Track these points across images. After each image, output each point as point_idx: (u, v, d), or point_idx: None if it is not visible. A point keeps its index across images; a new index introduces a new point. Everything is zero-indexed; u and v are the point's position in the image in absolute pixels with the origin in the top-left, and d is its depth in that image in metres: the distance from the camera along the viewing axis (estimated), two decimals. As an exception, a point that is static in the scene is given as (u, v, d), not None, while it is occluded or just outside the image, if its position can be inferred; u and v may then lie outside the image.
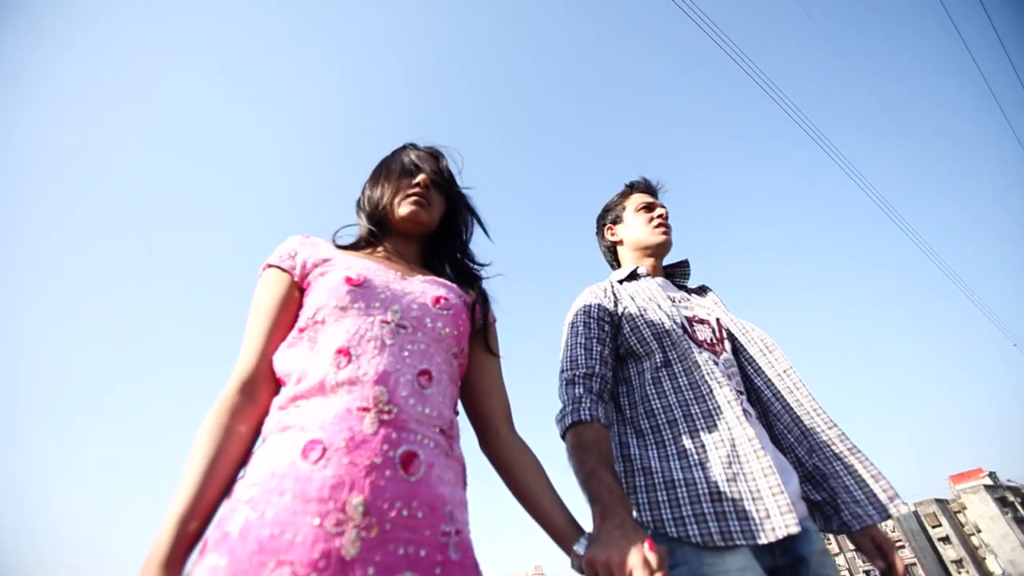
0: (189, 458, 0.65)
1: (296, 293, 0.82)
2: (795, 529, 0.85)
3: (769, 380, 1.13)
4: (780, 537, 0.84)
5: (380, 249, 0.97)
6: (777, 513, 0.86)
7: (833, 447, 1.03)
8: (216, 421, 0.68)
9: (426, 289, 0.85)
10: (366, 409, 0.66)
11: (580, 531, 0.79)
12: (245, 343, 0.77)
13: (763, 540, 0.84)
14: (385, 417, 0.66)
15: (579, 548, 0.76)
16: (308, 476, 0.60)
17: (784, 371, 1.13)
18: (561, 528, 0.79)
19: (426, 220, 0.97)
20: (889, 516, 0.95)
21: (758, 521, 0.86)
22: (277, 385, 0.76)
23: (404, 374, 0.72)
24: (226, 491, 0.65)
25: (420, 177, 0.98)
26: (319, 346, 0.73)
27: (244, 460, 0.69)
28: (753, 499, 0.88)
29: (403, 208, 0.95)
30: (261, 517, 0.57)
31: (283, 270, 0.83)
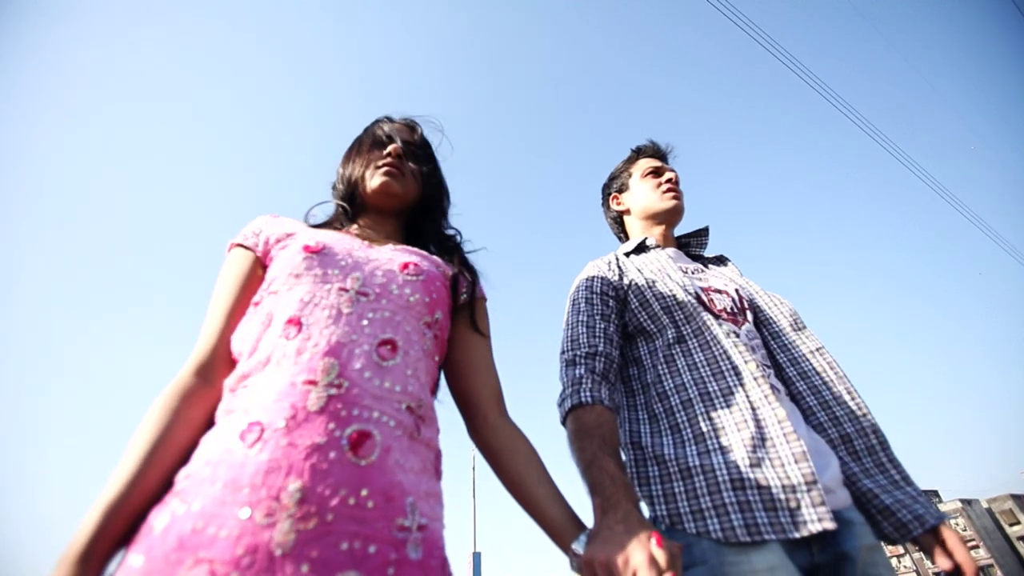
0: (129, 444, 0.59)
1: (259, 271, 0.77)
2: (830, 525, 0.72)
3: (796, 357, 1.00)
4: (813, 532, 0.72)
5: (354, 227, 0.91)
6: (809, 504, 0.73)
7: (866, 439, 0.91)
8: (164, 404, 0.62)
9: (394, 256, 0.78)
10: (312, 383, 0.58)
11: (580, 527, 0.69)
12: (204, 324, 0.72)
13: (795, 534, 0.71)
14: (333, 392, 0.58)
15: (578, 546, 0.66)
16: (242, 462, 0.53)
17: (816, 349, 1.01)
18: (558, 523, 0.69)
19: (400, 191, 0.90)
20: (931, 525, 0.83)
21: (788, 512, 0.73)
22: (234, 365, 0.70)
23: (360, 344, 0.64)
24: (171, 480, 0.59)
25: (391, 147, 0.91)
26: (268, 317, 0.67)
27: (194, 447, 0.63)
28: (782, 487, 0.75)
29: (374, 180, 0.89)
30: (187, 510, 0.51)
31: (247, 248, 0.78)
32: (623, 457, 0.91)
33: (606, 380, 0.93)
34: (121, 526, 0.53)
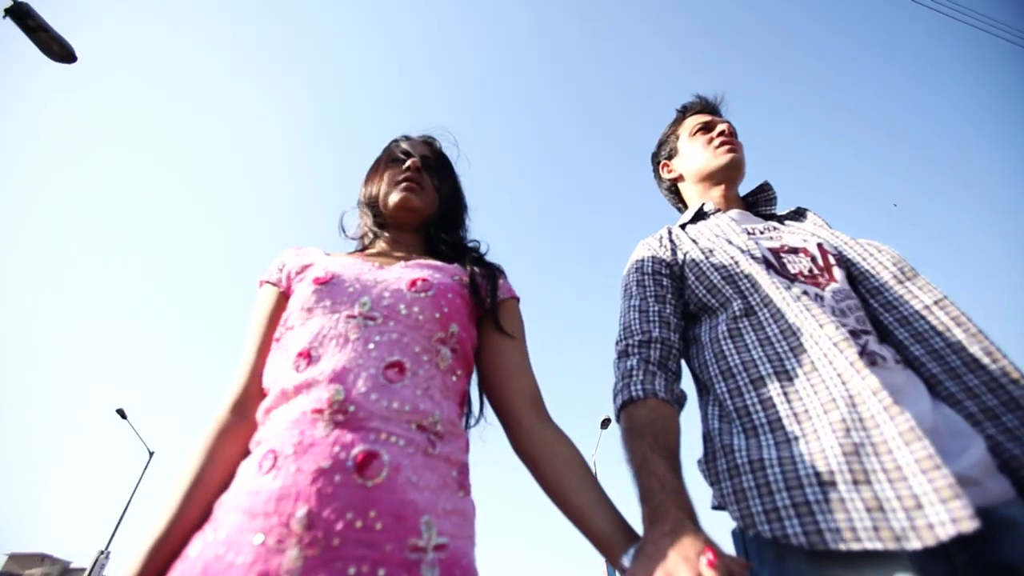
0: (170, 484, 0.63)
1: (285, 304, 0.80)
2: (968, 525, 0.52)
3: (907, 316, 0.78)
4: (942, 539, 0.53)
5: (377, 244, 0.93)
6: (935, 500, 0.55)
7: (1020, 412, 0.66)
8: (201, 444, 0.66)
9: (403, 274, 0.77)
10: (320, 411, 0.59)
11: (631, 539, 0.61)
12: (239, 362, 0.77)
13: (914, 544, 0.54)
14: (340, 418, 0.58)
15: (627, 561, 0.58)
16: (258, 489, 0.55)
17: (935, 303, 0.78)
18: (604, 535, 0.62)
19: (420, 205, 0.91)
20: None
21: (904, 514, 0.55)
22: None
23: (367, 368, 0.63)
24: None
25: (410, 161, 0.93)
26: (287, 352, 0.70)
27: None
28: (890, 481, 0.58)
29: (394, 195, 0.91)
30: (215, 537, 0.54)
31: (272, 284, 0.83)
32: (702, 450, 0.79)
33: (663, 369, 0.83)
34: (162, 562, 0.57)
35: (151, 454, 11.51)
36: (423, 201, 0.91)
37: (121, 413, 11.24)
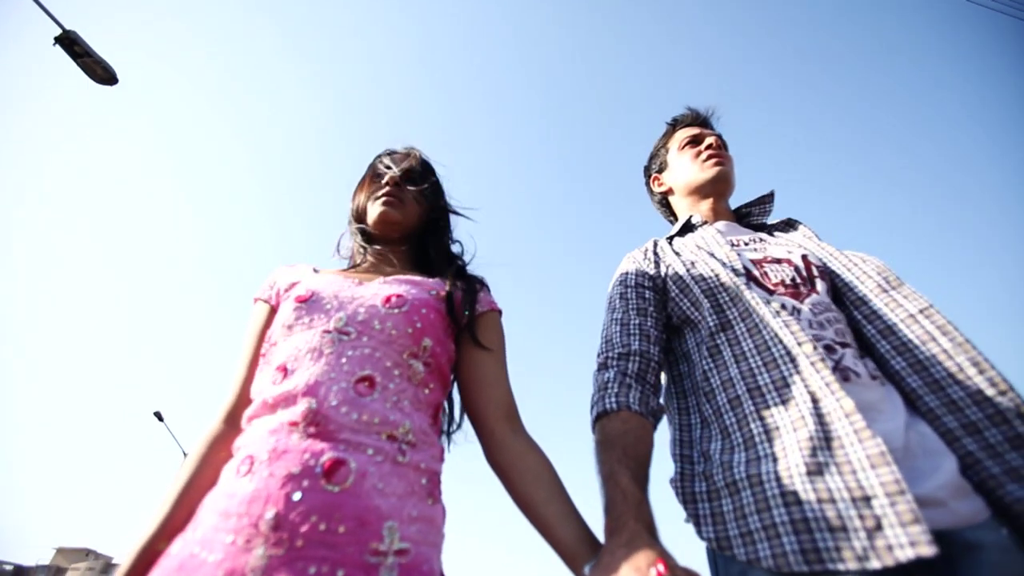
0: (164, 490, 0.69)
1: (274, 319, 0.84)
2: (926, 550, 0.52)
3: (890, 326, 0.77)
4: (901, 561, 0.53)
5: (366, 259, 0.96)
6: (894, 523, 0.55)
7: (1005, 427, 0.64)
8: (195, 451, 0.73)
9: (379, 290, 0.80)
10: (295, 424, 0.63)
11: (596, 550, 0.62)
12: (231, 376, 0.82)
13: (873, 564, 0.54)
14: (312, 429, 0.62)
15: (587, 571, 0.60)
16: (233, 492, 0.59)
17: (919, 311, 0.77)
18: (568, 546, 0.63)
19: (400, 218, 0.94)
20: None
21: (864, 534, 0.56)
22: None
23: (338, 382, 0.67)
24: None
25: (388, 176, 0.96)
26: (270, 367, 0.74)
27: None
28: (852, 500, 0.58)
29: (373, 210, 0.94)
30: (193, 537, 0.58)
31: (264, 301, 0.87)
32: (674, 469, 0.79)
33: (640, 382, 0.83)
34: (151, 560, 0.61)
35: (185, 455, 11.92)
36: (403, 214, 0.94)
37: (158, 416, 11.68)
